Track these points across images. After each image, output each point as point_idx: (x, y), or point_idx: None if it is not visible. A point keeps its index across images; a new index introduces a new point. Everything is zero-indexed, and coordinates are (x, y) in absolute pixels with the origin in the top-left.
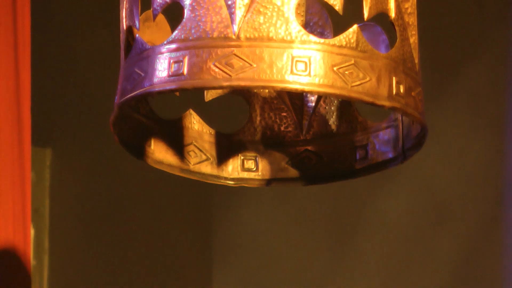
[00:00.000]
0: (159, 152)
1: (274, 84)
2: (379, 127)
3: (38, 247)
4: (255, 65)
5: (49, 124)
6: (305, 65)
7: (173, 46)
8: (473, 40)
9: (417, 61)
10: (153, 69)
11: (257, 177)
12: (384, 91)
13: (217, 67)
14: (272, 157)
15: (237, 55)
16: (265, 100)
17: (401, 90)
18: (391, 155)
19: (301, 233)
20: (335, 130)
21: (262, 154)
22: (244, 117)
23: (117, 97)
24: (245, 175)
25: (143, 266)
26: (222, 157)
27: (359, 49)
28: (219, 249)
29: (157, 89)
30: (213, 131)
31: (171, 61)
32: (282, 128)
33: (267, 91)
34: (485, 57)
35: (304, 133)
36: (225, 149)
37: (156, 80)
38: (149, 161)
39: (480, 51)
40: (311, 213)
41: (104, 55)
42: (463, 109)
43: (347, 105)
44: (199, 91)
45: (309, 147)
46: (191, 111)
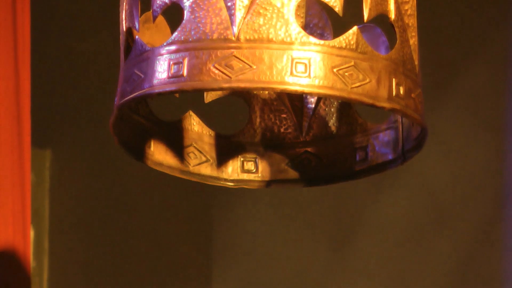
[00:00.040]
0: (159, 153)
1: (274, 85)
2: (379, 128)
3: (38, 248)
4: (255, 67)
5: (49, 125)
6: (305, 66)
7: (173, 47)
8: (472, 41)
9: (417, 62)
10: (153, 71)
11: (256, 179)
12: (384, 92)
13: (217, 68)
14: (271, 159)
15: (237, 57)
16: (265, 101)
17: (401, 91)
18: (391, 157)
19: (300, 234)
20: (335, 131)
21: (261, 155)
22: (244, 119)
23: (116, 99)
24: (245, 176)
25: (143, 267)
26: (221, 158)
27: (359, 50)
28: (219, 250)
29: (157, 90)
30: (213, 133)
31: (171, 62)
32: (282, 129)
33: (267, 92)
34: (485, 58)
35: (304, 134)
36: (225, 151)
37: (155, 81)
38: (149, 163)
39: (479, 53)
40: (310, 214)
41: (103, 57)
42: (463, 110)
43: (347, 107)
44: (198, 93)
45: (309, 149)
46: (191, 112)
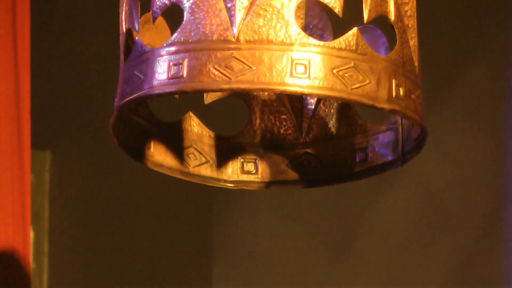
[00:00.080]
0: (159, 154)
1: (273, 86)
2: (378, 129)
3: (37, 250)
4: (254, 68)
5: (49, 127)
6: (305, 67)
7: (173, 48)
8: (472, 43)
9: (416, 63)
10: (153, 72)
11: (256, 180)
12: (383, 93)
13: (217, 69)
14: (271, 160)
15: (236, 58)
16: (265, 102)
17: (401, 92)
18: (390, 158)
19: (300, 235)
20: (334, 132)
21: (261, 156)
22: (243, 120)
23: (116, 100)
24: (245, 177)
25: (143, 268)
26: (221, 159)
27: (359, 51)
28: (219, 251)
29: (157, 91)
30: (212, 134)
31: (171, 63)
32: (281, 130)
33: (266, 93)
34: (485, 59)
35: (303, 135)
36: (225, 152)
37: (155, 82)
38: (149, 164)
39: (479, 54)
40: (310, 215)
41: (103, 58)
42: (463, 111)
43: (346, 108)
44: (198, 94)
45: (309, 150)
46: (191, 113)
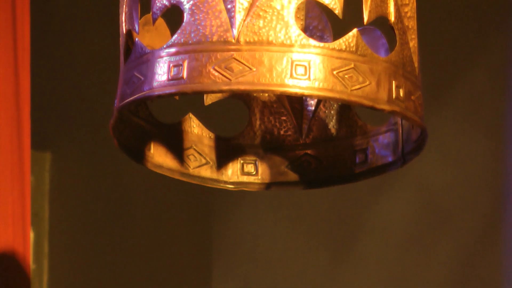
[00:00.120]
0: (159, 156)
1: (273, 88)
2: (378, 131)
3: (37, 251)
4: (254, 69)
5: (49, 128)
6: (305, 69)
7: (173, 50)
8: (472, 43)
9: (416, 65)
10: (153, 73)
11: (256, 181)
12: (383, 95)
13: (217, 71)
14: (271, 161)
15: (236, 59)
16: (265, 104)
17: (401, 94)
18: (390, 159)
19: (300, 236)
20: (334, 134)
21: (261, 158)
22: (243, 121)
23: (116, 101)
24: (245, 179)
25: (143, 269)
26: (221, 161)
27: (359, 53)
28: (219, 252)
29: (157, 93)
30: (212, 135)
31: (171, 65)
32: (281, 132)
33: (266, 95)
34: (485, 61)
35: (303, 137)
36: (225, 153)
37: (155, 84)
38: (149, 165)
39: (479, 55)
40: (310, 216)
41: (103, 59)
42: (463, 112)
43: (346, 109)
44: (198, 95)
45: (309, 151)
46: (191, 115)
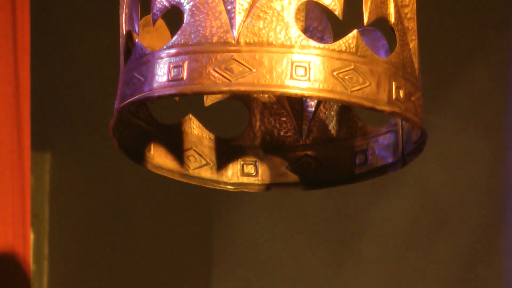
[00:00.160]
0: (159, 157)
1: (273, 89)
2: (378, 132)
3: (37, 252)
4: (254, 70)
5: (49, 129)
6: (305, 70)
7: (173, 51)
8: (472, 44)
9: (416, 66)
10: (153, 74)
11: (256, 182)
12: (383, 96)
13: (217, 72)
14: (271, 162)
15: (236, 60)
16: (265, 105)
17: (401, 95)
18: (390, 160)
19: (300, 237)
20: (334, 135)
21: (261, 159)
22: (243, 122)
23: (116, 102)
24: (245, 180)
25: (143, 270)
26: (221, 162)
27: (359, 54)
28: (218, 253)
29: (157, 94)
30: (212, 136)
31: (171, 66)
32: (281, 133)
33: (266, 96)
34: (485, 62)
35: (303, 138)
36: (225, 154)
37: (155, 85)
38: (149, 166)
39: (479, 56)
40: (310, 217)
41: (104, 59)
42: (463, 113)
43: (346, 110)
44: (198, 96)
45: (309, 152)
46: (191, 116)
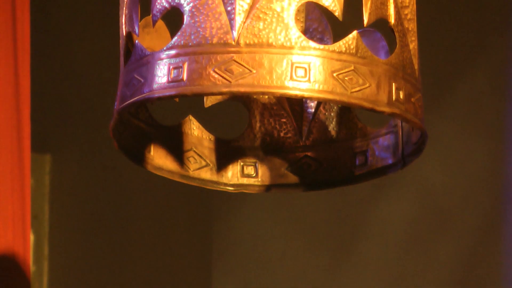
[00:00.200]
0: (159, 158)
1: (273, 90)
2: (378, 133)
3: (37, 253)
4: (254, 71)
5: (49, 130)
6: (305, 71)
7: (173, 52)
8: (472, 44)
9: (416, 67)
10: (153, 75)
11: (256, 183)
12: (383, 97)
13: (217, 73)
14: (271, 163)
15: (236, 61)
16: (265, 106)
17: (401, 96)
18: (390, 161)
19: (300, 238)
20: (334, 136)
21: (261, 160)
22: (243, 123)
23: (116, 103)
24: (245, 181)
25: (143, 271)
26: (221, 163)
27: (359, 55)
28: (218, 254)
29: (157, 95)
30: (212, 137)
31: (171, 67)
32: (281, 134)
33: (266, 97)
34: (485, 63)
35: (303, 139)
36: (225, 155)
37: (155, 86)
38: (149, 167)
39: (479, 56)
40: (310, 218)
41: (104, 60)
42: (463, 114)
43: (346, 111)
44: (198, 97)
45: (309, 153)
46: (191, 117)
